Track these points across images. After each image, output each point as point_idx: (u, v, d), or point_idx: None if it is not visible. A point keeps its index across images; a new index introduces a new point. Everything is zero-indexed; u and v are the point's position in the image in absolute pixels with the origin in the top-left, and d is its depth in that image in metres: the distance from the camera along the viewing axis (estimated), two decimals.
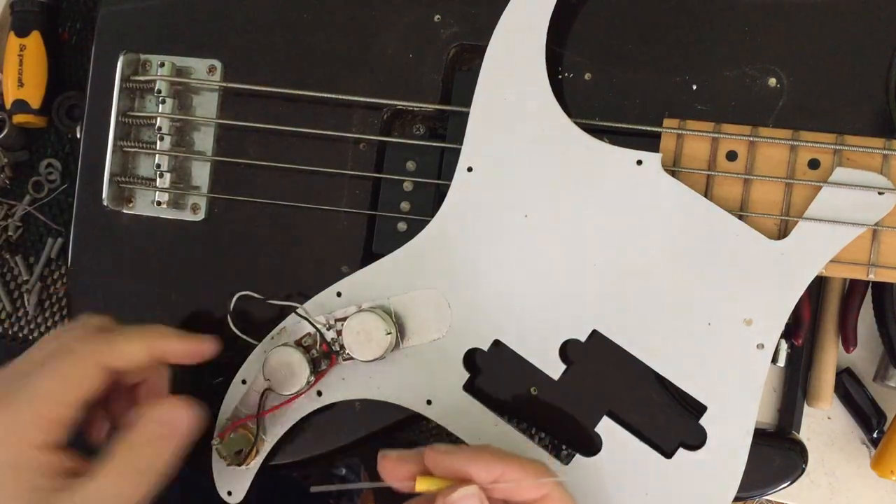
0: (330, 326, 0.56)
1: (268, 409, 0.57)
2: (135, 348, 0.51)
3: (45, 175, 0.72)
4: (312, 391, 0.57)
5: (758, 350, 0.53)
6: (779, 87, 0.54)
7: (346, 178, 0.59)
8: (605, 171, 0.54)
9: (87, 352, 0.49)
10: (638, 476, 0.54)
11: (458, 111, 0.57)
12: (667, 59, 0.56)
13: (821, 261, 0.52)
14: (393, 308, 0.56)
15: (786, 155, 0.54)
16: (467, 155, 0.55)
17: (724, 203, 0.53)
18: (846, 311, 0.63)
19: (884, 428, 0.65)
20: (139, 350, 0.51)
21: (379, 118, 0.59)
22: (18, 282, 0.72)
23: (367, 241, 0.59)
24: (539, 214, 0.54)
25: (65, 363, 0.49)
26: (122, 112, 0.61)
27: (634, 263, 0.54)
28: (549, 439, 0.59)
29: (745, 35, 0.55)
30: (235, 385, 0.58)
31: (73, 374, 0.49)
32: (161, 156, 0.60)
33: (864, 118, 0.54)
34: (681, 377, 0.54)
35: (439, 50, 0.58)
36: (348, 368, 0.57)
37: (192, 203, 0.61)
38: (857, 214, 0.52)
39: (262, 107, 0.60)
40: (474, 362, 0.56)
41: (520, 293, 0.55)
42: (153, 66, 0.61)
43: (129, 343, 0.50)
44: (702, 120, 0.55)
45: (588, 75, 0.56)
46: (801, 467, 0.58)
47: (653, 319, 0.54)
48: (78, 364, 0.49)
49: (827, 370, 0.64)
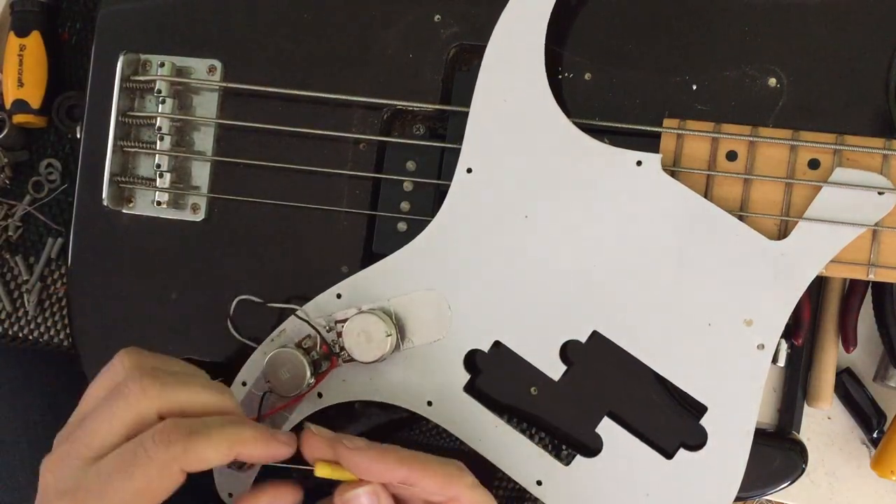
0: (330, 328, 0.56)
1: (268, 412, 0.57)
2: (218, 455, 0.46)
3: (45, 175, 0.72)
4: (313, 393, 0.57)
5: (758, 350, 0.53)
6: (779, 87, 0.54)
7: (346, 178, 0.59)
8: (605, 171, 0.54)
9: (168, 460, 0.45)
10: (638, 476, 0.54)
11: (458, 111, 0.57)
12: (667, 59, 0.56)
13: (821, 261, 0.52)
14: (393, 309, 0.56)
15: (786, 155, 0.54)
16: (467, 156, 0.55)
17: (724, 203, 0.53)
18: (846, 311, 0.63)
19: (884, 428, 0.65)
20: (222, 457, 0.47)
21: (379, 118, 0.59)
22: (18, 282, 0.72)
23: (367, 241, 0.59)
24: (539, 215, 0.54)
25: (143, 472, 0.45)
26: (122, 112, 0.61)
27: (634, 264, 0.54)
28: (549, 440, 0.59)
29: (745, 35, 0.55)
30: (236, 387, 0.58)
31: (152, 483, 0.45)
32: (161, 156, 0.60)
33: (864, 118, 0.54)
34: (681, 377, 0.54)
35: (439, 50, 0.58)
36: (349, 370, 0.57)
37: (192, 203, 0.61)
38: (857, 214, 0.52)
39: (262, 107, 0.60)
40: (474, 363, 0.56)
41: (520, 294, 0.55)
42: (153, 66, 0.61)
43: (211, 447, 0.46)
44: (702, 120, 0.55)
45: (588, 75, 0.56)
46: (801, 467, 0.58)
47: (653, 320, 0.54)
48: (156, 474, 0.45)
49: (827, 370, 0.64)
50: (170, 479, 0.45)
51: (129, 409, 0.46)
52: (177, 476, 0.45)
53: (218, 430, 0.47)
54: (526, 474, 0.56)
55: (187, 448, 0.45)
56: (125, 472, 0.45)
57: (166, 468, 0.45)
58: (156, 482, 0.45)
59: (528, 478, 0.56)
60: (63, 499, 0.46)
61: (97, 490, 0.45)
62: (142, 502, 0.45)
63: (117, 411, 0.46)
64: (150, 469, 0.45)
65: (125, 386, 0.47)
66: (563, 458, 0.56)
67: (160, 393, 0.47)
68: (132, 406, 0.46)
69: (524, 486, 0.56)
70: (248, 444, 0.47)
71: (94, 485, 0.45)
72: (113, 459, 0.45)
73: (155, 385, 0.47)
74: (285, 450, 0.49)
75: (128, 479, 0.45)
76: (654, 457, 0.54)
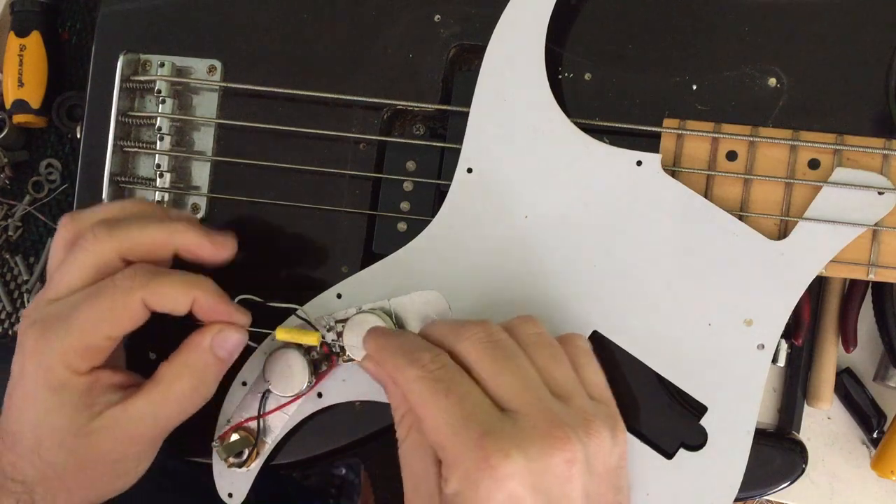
0: (330, 328, 0.56)
1: (268, 411, 0.57)
2: (180, 300, 0.51)
3: (45, 175, 0.72)
4: (313, 393, 0.57)
5: (758, 350, 0.53)
6: (779, 87, 0.54)
7: (346, 178, 0.59)
8: (605, 171, 0.54)
9: (132, 288, 0.49)
10: (638, 476, 0.54)
11: (458, 111, 0.57)
12: (667, 59, 0.56)
13: (821, 261, 0.52)
14: (393, 309, 0.56)
15: (786, 155, 0.54)
16: (467, 156, 0.55)
17: (724, 203, 0.53)
18: (846, 311, 0.63)
19: (884, 428, 0.65)
20: (183, 302, 0.51)
21: (379, 118, 0.59)
22: (18, 282, 0.72)
23: (367, 241, 0.59)
24: (539, 215, 0.54)
25: (108, 298, 0.49)
26: (122, 112, 0.61)
27: (634, 264, 0.54)
28: None
29: (745, 35, 0.55)
30: (236, 387, 0.58)
31: (115, 310, 0.49)
32: (161, 156, 0.60)
33: (864, 118, 0.54)
34: (681, 378, 0.54)
35: (439, 50, 0.58)
36: (349, 370, 0.57)
37: (192, 203, 0.61)
38: (857, 214, 0.52)
39: (262, 107, 0.60)
40: None
41: (520, 294, 0.55)
42: (153, 66, 0.61)
43: (174, 290, 0.50)
44: (702, 120, 0.55)
45: (588, 75, 0.56)
46: (801, 467, 0.58)
47: (653, 320, 0.54)
48: (120, 301, 0.49)
49: (827, 370, 0.64)
50: (133, 309, 0.50)
51: (88, 255, 0.51)
52: (138, 306, 0.50)
53: (180, 275, 0.51)
54: None
55: (149, 281, 0.50)
56: (91, 298, 0.50)
57: (129, 295, 0.49)
58: (119, 308, 0.49)
59: None
60: (34, 326, 0.50)
61: (65, 315, 0.49)
62: (104, 327, 0.49)
63: (77, 259, 0.51)
64: (115, 294, 0.49)
65: (81, 237, 0.51)
66: None
67: (110, 235, 0.51)
68: (90, 252, 0.51)
69: None
70: (206, 292, 0.51)
71: (63, 311, 0.50)
72: (82, 292, 0.50)
73: (103, 228, 0.51)
74: (239, 316, 0.53)
75: (93, 304, 0.49)
76: (654, 457, 0.54)
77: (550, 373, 0.47)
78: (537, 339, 0.48)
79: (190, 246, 0.53)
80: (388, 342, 0.50)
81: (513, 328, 0.49)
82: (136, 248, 0.51)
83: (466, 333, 0.48)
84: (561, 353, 0.49)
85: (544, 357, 0.48)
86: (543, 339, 0.49)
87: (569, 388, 0.47)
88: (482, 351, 0.47)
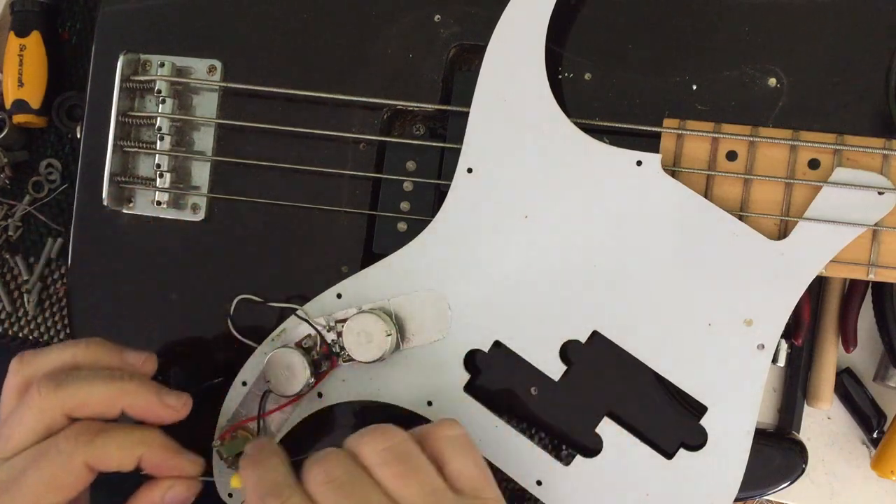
0: (330, 328, 0.56)
1: (268, 411, 0.57)
2: (125, 460, 0.50)
3: (45, 175, 0.72)
4: (313, 393, 0.57)
5: (758, 350, 0.53)
6: (779, 87, 0.54)
7: (346, 178, 0.59)
8: (605, 171, 0.54)
9: (74, 452, 0.49)
10: (638, 477, 0.54)
11: (458, 111, 0.57)
12: (667, 59, 0.56)
13: (821, 261, 0.52)
14: (393, 309, 0.56)
15: (786, 155, 0.54)
16: (467, 156, 0.55)
17: (724, 203, 0.53)
18: (846, 311, 0.63)
19: (884, 428, 0.65)
20: (126, 454, 0.50)
21: (379, 118, 0.59)
22: (18, 282, 0.72)
23: (367, 241, 0.59)
24: (539, 215, 0.54)
25: (51, 464, 0.48)
26: (122, 112, 0.61)
27: (634, 264, 0.54)
28: (549, 440, 0.59)
29: (745, 35, 0.55)
30: (236, 387, 0.58)
31: (58, 477, 0.48)
32: (161, 156, 0.60)
33: (864, 118, 0.54)
34: (681, 378, 0.54)
35: (439, 50, 0.58)
36: (349, 370, 0.57)
37: (192, 203, 0.61)
38: (857, 214, 0.52)
39: (262, 107, 0.60)
40: (475, 363, 0.56)
41: (520, 294, 0.55)
42: (153, 66, 0.61)
43: (119, 451, 0.50)
44: (702, 120, 0.55)
45: (588, 75, 0.56)
46: (801, 467, 0.58)
47: (653, 320, 0.54)
48: (63, 467, 0.48)
49: (827, 370, 0.64)
50: (76, 474, 0.49)
51: (33, 413, 0.50)
52: (82, 470, 0.49)
53: (125, 433, 0.50)
54: (526, 474, 0.56)
55: (93, 442, 0.49)
56: (35, 465, 0.49)
57: (72, 460, 0.48)
58: (63, 475, 0.48)
59: (527, 478, 0.56)
60: None
61: (11, 481, 0.49)
62: (51, 495, 0.49)
63: (24, 418, 0.50)
64: (58, 460, 0.48)
65: (29, 388, 0.50)
66: (563, 458, 0.56)
67: (55, 392, 0.50)
68: (35, 409, 0.50)
69: (524, 486, 0.56)
70: (153, 447, 0.50)
71: (11, 476, 0.49)
72: (26, 455, 0.49)
73: (50, 385, 0.50)
74: (191, 467, 0.52)
75: (37, 471, 0.48)
76: (654, 457, 0.54)
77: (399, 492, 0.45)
78: (383, 456, 0.46)
79: (137, 409, 0.52)
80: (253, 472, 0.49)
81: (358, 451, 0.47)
82: (81, 408, 0.50)
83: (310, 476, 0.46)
84: (411, 463, 0.46)
85: (389, 477, 0.46)
86: (390, 453, 0.46)
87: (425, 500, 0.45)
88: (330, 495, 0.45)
